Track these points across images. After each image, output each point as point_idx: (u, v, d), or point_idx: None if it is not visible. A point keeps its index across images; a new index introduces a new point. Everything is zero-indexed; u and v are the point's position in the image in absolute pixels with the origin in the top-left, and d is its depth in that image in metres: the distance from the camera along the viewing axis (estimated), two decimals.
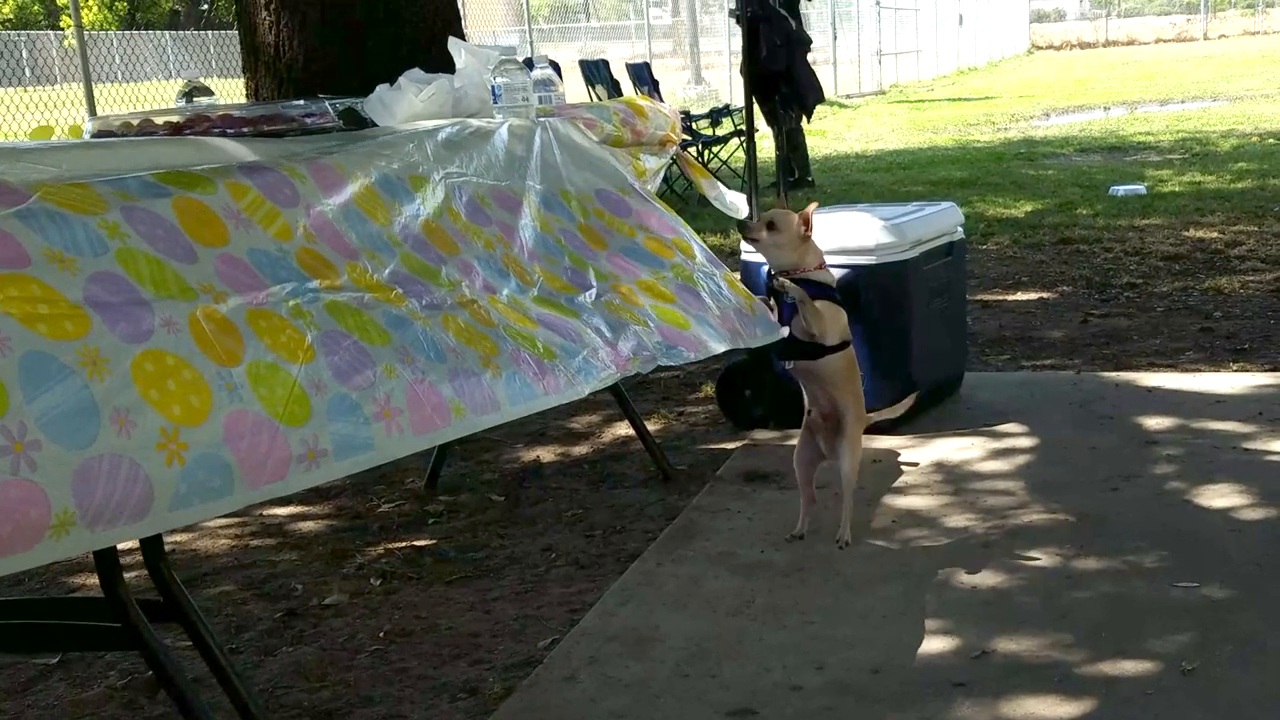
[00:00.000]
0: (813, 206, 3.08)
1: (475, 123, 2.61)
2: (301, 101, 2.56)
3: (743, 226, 3.08)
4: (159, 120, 2.54)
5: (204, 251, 1.73)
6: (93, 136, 2.50)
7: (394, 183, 2.18)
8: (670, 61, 23.19)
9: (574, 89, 10.88)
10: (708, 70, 21.58)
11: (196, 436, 1.58)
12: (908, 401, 3.60)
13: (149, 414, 1.54)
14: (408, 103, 2.77)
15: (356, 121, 2.80)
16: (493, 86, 2.84)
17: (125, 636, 2.10)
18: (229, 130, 2.35)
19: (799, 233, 3.02)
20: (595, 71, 11.07)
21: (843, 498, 3.04)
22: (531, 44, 14.81)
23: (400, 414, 1.81)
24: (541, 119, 2.87)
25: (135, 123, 2.52)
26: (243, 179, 1.86)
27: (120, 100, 11.25)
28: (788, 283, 3.02)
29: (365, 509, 3.69)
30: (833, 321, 3.02)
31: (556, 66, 9.61)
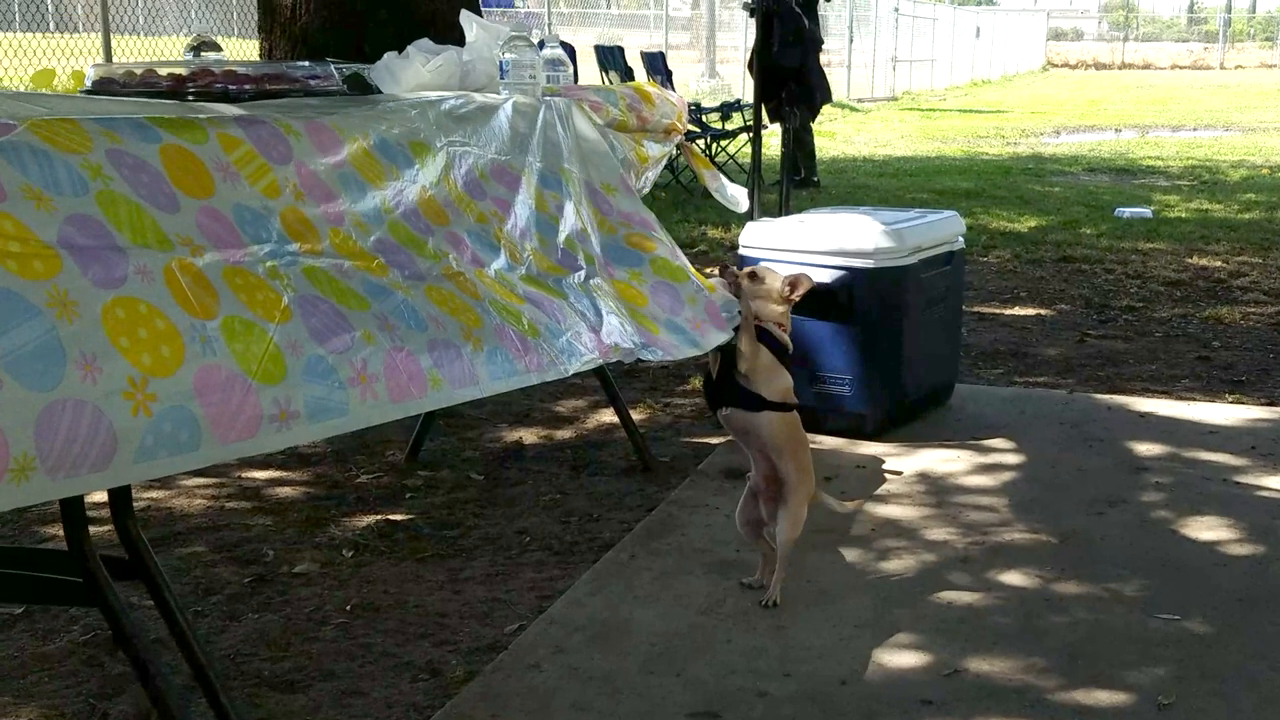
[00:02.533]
0: (810, 282, 2.87)
1: (479, 97, 2.56)
2: (306, 63, 2.51)
3: (724, 270, 2.87)
4: (163, 72, 2.49)
5: (187, 202, 1.67)
6: (94, 84, 2.45)
7: (393, 147, 2.13)
8: (687, 53, 23.09)
9: (588, 74, 10.82)
10: (723, 65, 21.49)
11: (166, 388, 1.52)
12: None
13: (117, 361, 1.49)
14: (414, 72, 2.72)
15: (362, 87, 2.74)
16: (501, 62, 2.78)
17: (87, 592, 2.05)
18: (230, 87, 2.30)
19: (782, 293, 2.82)
20: (610, 58, 11.00)
21: (778, 564, 2.73)
22: (549, 26, 14.72)
23: (376, 381, 1.75)
24: (547, 98, 2.81)
25: (138, 73, 2.47)
26: (236, 131, 1.80)
27: (139, 52, 11.16)
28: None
29: (344, 478, 3.65)
30: (766, 369, 2.73)
31: (571, 49, 9.57)
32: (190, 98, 2.31)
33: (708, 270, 3.12)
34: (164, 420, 1.51)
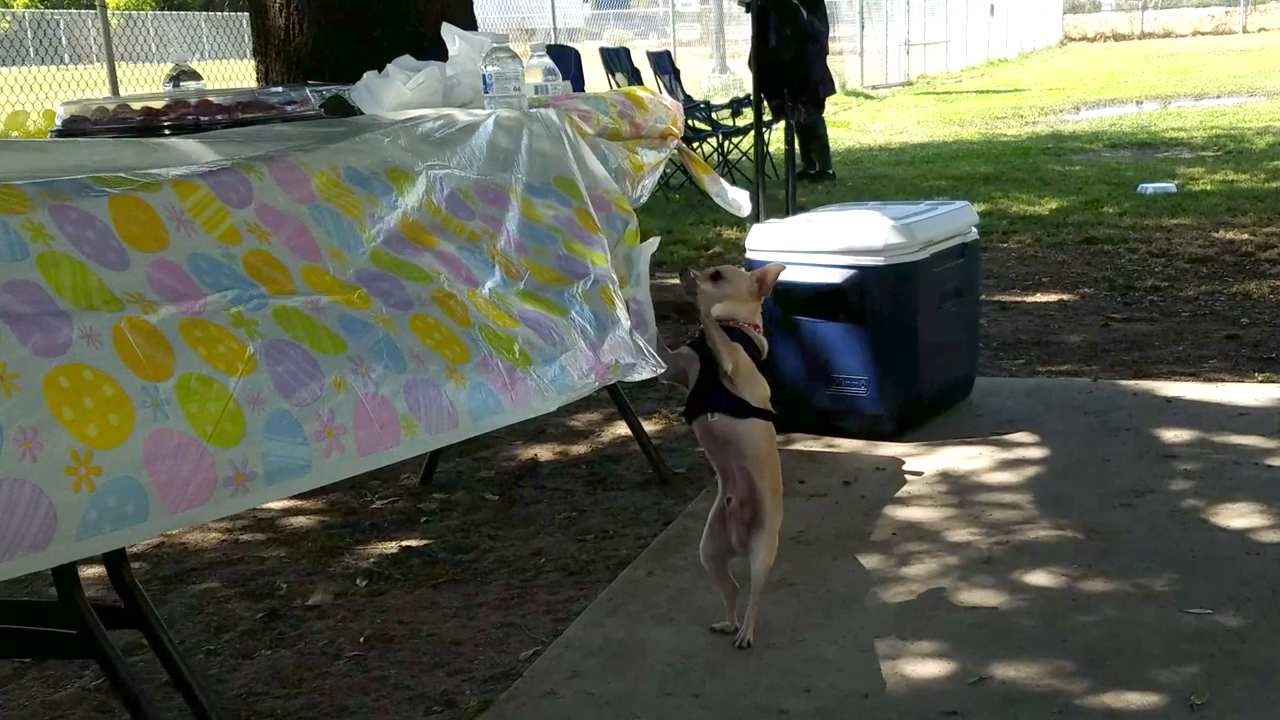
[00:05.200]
0: (777, 269, 2.71)
1: (461, 116, 2.50)
2: (280, 89, 2.47)
3: (684, 273, 2.67)
4: (136, 106, 2.45)
5: (137, 256, 1.61)
6: (64, 123, 2.41)
7: (367, 177, 2.07)
8: (698, 49, 22.98)
9: (595, 77, 10.76)
10: (733, 59, 21.36)
11: (112, 459, 1.46)
12: None
13: (59, 435, 1.42)
14: (395, 91, 2.68)
15: (343, 109, 2.70)
16: (484, 75, 2.73)
17: (81, 644, 2.03)
18: (203, 118, 2.26)
19: (750, 290, 2.64)
20: (616, 60, 10.93)
21: (752, 595, 2.58)
22: (554, 30, 14.67)
23: (344, 432, 1.69)
24: (534, 109, 2.76)
25: (111, 109, 2.43)
26: (193, 177, 1.74)
27: (147, 81, 11.22)
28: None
29: (359, 505, 3.62)
30: (746, 373, 2.55)
31: (577, 54, 9.46)
32: (165, 132, 2.27)
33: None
34: (108, 494, 1.46)
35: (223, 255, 1.70)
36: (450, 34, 2.97)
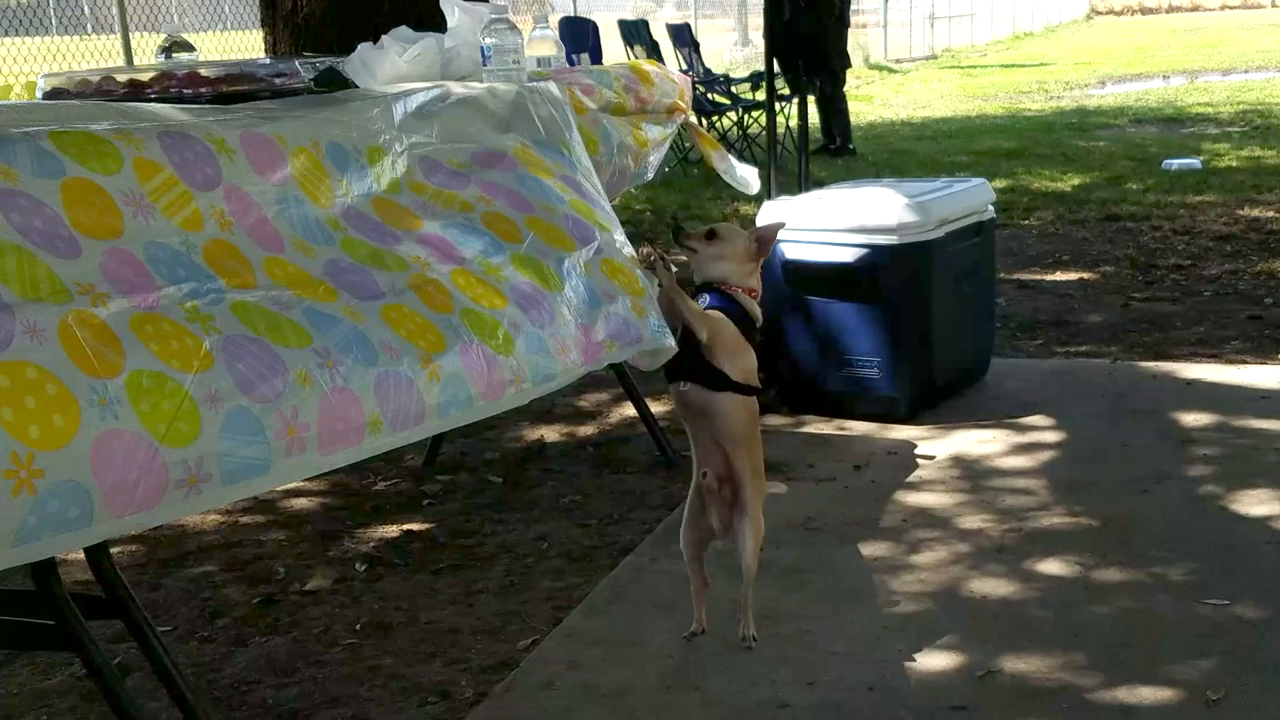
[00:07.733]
0: (776, 229, 2.53)
1: (456, 89, 2.42)
2: (268, 60, 2.39)
3: (677, 233, 2.49)
4: (121, 78, 2.38)
5: (89, 245, 1.52)
6: (45, 95, 2.34)
7: (347, 154, 1.98)
8: (721, 22, 22.73)
9: (613, 49, 10.64)
10: (755, 31, 21.11)
11: (55, 461, 1.38)
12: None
13: None
14: (390, 63, 2.60)
15: (337, 82, 2.62)
16: (482, 48, 2.65)
17: (60, 635, 1.98)
18: (186, 91, 2.19)
19: (749, 250, 2.45)
20: (635, 32, 10.80)
21: (744, 589, 2.46)
22: (574, 2, 14.52)
23: (307, 429, 1.61)
24: (534, 83, 2.67)
25: (95, 80, 2.36)
26: (157, 152, 1.65)
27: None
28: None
29: (361, 486, 3.57)
30: (731, 343, 2.37)
31: (595, 26, 9.31)
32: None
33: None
34: (50, 498, 1.38)
35: (181, 244, 1.62)
36: (450, 4, 2.88)
